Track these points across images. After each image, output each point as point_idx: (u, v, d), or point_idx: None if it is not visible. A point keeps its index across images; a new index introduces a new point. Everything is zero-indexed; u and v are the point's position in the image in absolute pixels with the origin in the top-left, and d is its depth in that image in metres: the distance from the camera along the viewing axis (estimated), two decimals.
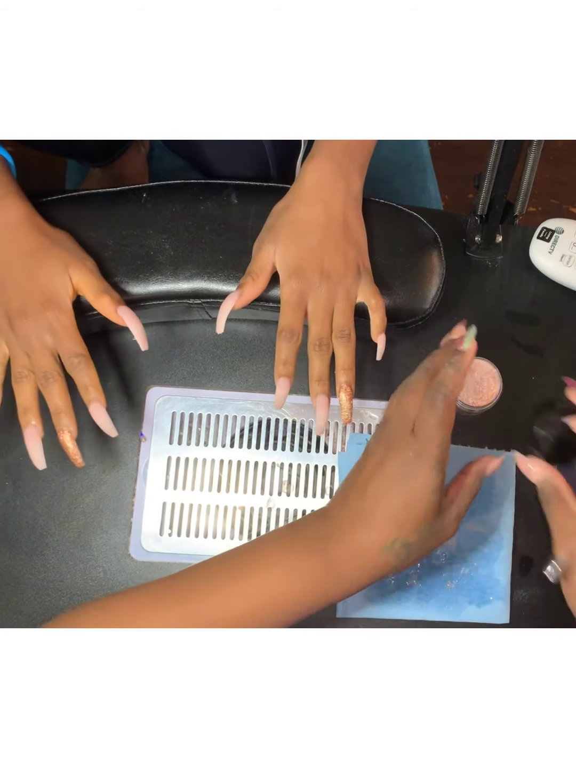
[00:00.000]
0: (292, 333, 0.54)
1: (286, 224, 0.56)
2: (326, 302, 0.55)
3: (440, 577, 0.60)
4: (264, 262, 0.56)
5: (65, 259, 0.55)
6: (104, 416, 0.53)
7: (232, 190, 0.60)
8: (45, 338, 0.53)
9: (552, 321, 0.65)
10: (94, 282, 0.55)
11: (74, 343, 0.54)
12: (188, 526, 0.61)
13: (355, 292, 0.56)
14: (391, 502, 0.43)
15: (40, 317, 0.53)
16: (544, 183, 1.38)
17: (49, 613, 0.59)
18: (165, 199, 0.59)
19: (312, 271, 0.54)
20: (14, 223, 0.55)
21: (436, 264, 0.60)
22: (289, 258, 0.55)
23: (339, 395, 0.55)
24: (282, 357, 0.54)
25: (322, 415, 0.54)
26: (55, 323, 0.53)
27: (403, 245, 0.59)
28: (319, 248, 0.55)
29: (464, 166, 1.29)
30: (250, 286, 0.55)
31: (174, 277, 0.58)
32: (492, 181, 0.58)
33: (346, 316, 0.55)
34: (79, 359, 0.53)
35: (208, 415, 0.63)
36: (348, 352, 0.55)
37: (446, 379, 0.45)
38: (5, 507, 0.60)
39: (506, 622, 0.60)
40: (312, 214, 0.56)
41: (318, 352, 0.54)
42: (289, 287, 0.54)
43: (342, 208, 0.56)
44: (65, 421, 0.52)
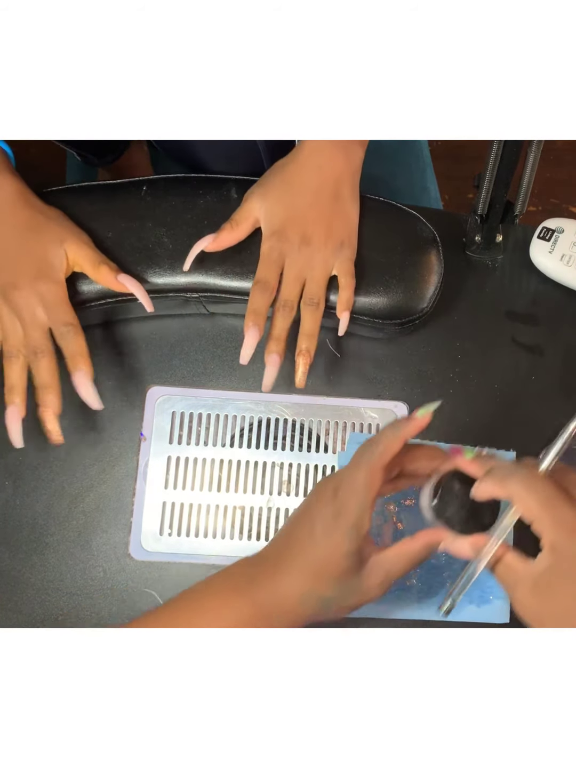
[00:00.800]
0: (266, 285, 0.54)
1: (278, 183, 0.56)
2: (301, 267, 0.55)
3: (440, 577, 0.60)
4: (248, 213, 0.56)
5: (60, 233, 0.55)
6: (88, 387, 0.53)
7: (232, 185, 0.60)
8: (37, 312, 0.53)
9: (552, 321, 0.65)
10: (90, 254, 0.55)
11: (65, 313, 0.54)
12: (188, 525, 0.61)
13: (332, 263, 0.56)
14: (308, 555, 0.42)
15: (32, 290, 0.53)
16: (544, 182, 1.38)
17: (49, 613, 0.59)
18: (165, 193, 0.59)
19: (294, 234, 0.55)
20: (7, 199, 0.54)
21: (435, 263, 0.60)
22: (274, 216, 0.55)
23: (297, 359, 0.55)
24: (254, 306, 0.54)
25: (271, 374, 0.54)
26: (48, 295, 0.53)
27: (401, 244, 0.59)
28: (305, 213, 0.55)
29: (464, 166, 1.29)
30: (227, 233, 0.56)
31: (172, 270, 0.58)
32: (492, 181, 0.58)
33: (318, 285, 0.55)
34: (68, 328, 0.53)
35: (208, 415, 0.63)
36: (314, 320, 0.55)
37: (380, 440, 0.42)
38: (5, 507, 0.60)
39: (506, 622, 0.60)
40: (305, 178, 0.56)
41: (281, 312, 0.55)
42: (270, 244, 0.55)
43: (336, 177, 0.56)
44: (49, 397, 0.53)
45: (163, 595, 0.59)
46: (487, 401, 0.63)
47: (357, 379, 0.63)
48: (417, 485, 0.47)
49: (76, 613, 0.59)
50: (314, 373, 0.63)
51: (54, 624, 0.59)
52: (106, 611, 0.59)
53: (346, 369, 0.64)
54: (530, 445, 0.63)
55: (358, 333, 0.63)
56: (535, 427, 0.63)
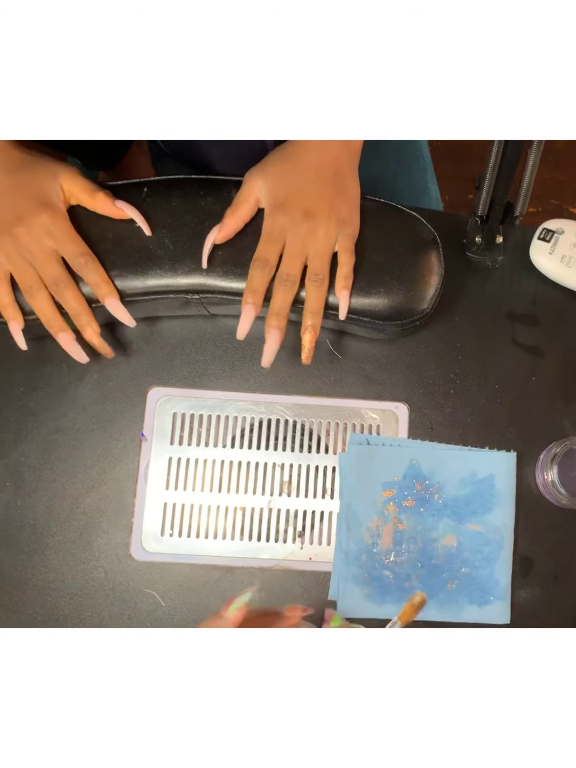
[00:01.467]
0: (265, 262, 0.54)
1: (278, 162, 0.56)
2: (303, 241, 0.55)
3: (441, 577, 0.60)
4: (248, 193, 0.56)
5: (52, 167, 0.55)
6: (121, 308, 0.55)
7: (233, 186, 0.60)
8: (46, 243, 0.53)
9: (552, 322, 0.66)
10: (85, 183, 0.55)
11: (76, 244, 0.54)
12: (189, 526, 0.61)
13: (333, 239, 0.55)
14: None
15: (36, 222, 0.53)
16: (545, 183, 1.38)
17: (49, 613, 0.59)
18: (165, 194, 0.59)
19: (296, 209, 0.55)
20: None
21: (435, 264, 0.60)
22: (276, 193, 0.55)
23: (302, 336, 0.55)
24: (253, 285, 0.54)
25: (271, 348, 0.54)
26: (53, 226, 0.53)
27: (402, 245, 0.59)
28: (307, 189, 0.55)
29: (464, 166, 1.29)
30: (230, 218, 0.56)
31: (173, 271, 0.58)
32: (492, 182, 0.58)
33: (323, 260, 0.55)
34: (86, 258, 0.54)
35: (209, 416, 0.63)
36: (319, 296, 0.55)
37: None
38: (6, 507, 0.60)
39: (507, 623, 0.60)
40: (306, 156, 0.56)
41: (283, 286, 0.54)
42: (271, 220, 0.55)
43: (336, 155, 0.56)
44: (86, 319, 0.55)
45: (164, 595, 0.59)
46: (487, 401, 0.63)
47: (358, 379, 0.63)
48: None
49: (77, 613, 0.59)
50: (315, 374, 0.63)
51: (55, 624, 0.59)
52: (107, 612, 0.59)
53: (347, 370, 0.64)
54: (530, 445, 0.63)
55: (359, 334, 0.63)
56: (535, 427, 0.63)
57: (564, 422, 0.63)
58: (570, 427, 0.63)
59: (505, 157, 0.55)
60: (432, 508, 0.61)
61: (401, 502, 0.61)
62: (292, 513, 0.61)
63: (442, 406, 0.63)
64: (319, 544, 0.61)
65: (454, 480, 0.61)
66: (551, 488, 0.59)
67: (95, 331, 0.55)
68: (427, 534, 0.60)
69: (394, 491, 0.61)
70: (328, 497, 0.62)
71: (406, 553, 0.60)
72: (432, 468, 0.61)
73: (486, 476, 0.61)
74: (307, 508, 0.61)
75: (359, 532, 0.60)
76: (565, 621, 0.61)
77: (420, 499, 0.61)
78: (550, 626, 0.60)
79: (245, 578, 0.60)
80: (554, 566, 0.61)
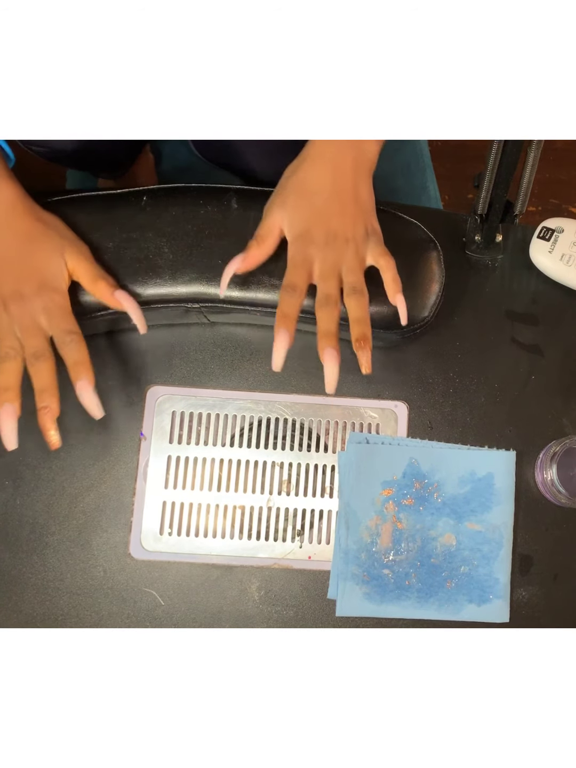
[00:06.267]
0: (294, 287, 0.53)
1: (294, 187, 0.56)
2: (333, 262, 0.54)
3: (440, 576, 0.60)
4: (271, 225, 0.55)
5: (60, 244, 0.55)
6: (90, 395, 0.52)
7: (233, 195, 0.60)
8: (39, 320, 0.53)
9: (552, 320, 0.66)
10: (89, 268, 0.55)
11: (68, 322, 0.53)
12: (188, 525, 0.61)
13: (363, 251, 0.55)
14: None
15: (35, 299, 0.53)
16: (544, 182, 1.38)
17: (49, 613, 0.59)
18: (165, 203, 0.59)
19: (319, 233, 0.54)
20: (7, 205, 0.54)
21: (436, 272, 0.60)
22: (297, 221, 0.55)
23: (355, 347, 0.53)
24: (283, 310, 0.53)
25: (332, 372, 0.52)
26: (50, 304, 0.53)
27: (402, 253, 0.59)
28: (326, 209, 0.55)
29: (464, 166, 1.29)
30: (255, 249, 0.55)
31: (173, 281, 0.58)
32: (492, 181, 0.58)
33: (356, 273, 0.54)
34: (72, 337, 0.53)
35: (208, 415, 0.63)
36: (361, 306, 0.53)
37: None
38: (5, 506, 0.60)
39: (506, 621, 0.60)
40: (319, 175, 0.55)
41: (325, 308, 0.53)
42: (296, 248, 0.54)
43: (350, 171, 0.56)
44: (48, 400, 0.51)
45: (163, 594, 0.59)
46: (487, 400, 0.63)
47: (357, 378, 0.63)
48: None
49: (76, 612, 0.59)
50: (314, 373, 0.63)
51: (54, 623, 0.59)
52: (106, 610, 0.59)
53: (346, 368, 0.63)
54: (529, 443, 0.63)
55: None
56: (534, 426, 0.63)
57: (563, 421, 0.63)
58: (569, 426, 0.63)
59: (504, 157, 0.55)
60: (431, 506, 0.61)
61: (400, 501, 0.61)
62: (292, 512, 0.61)
63: (441, 405, 0.63)
64: (319, 543, 0.61)
65: (454, 479, 0.61)
66: (550, 487, 0.59)
67: (53, 416, 0.51)
68: (427, 533, 0.60)
69: (393, 490, 0.61)
70: (327, 496, 0.62)
71: (405, 551, 0.60)
72: (431, 467, 0.61)
73: (485, 475, 0.61)
74: (306, 507, 0.61)
75: (358, 530, 0.60)
76: (565, 619, 0.61)
77: (419, 497, 0.61)
78: (550, 625, 0.60)
79: (244, 577, 0.60)
80: (553, 565, 0.61)
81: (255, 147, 0.68)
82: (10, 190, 0.55)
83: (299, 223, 0.55)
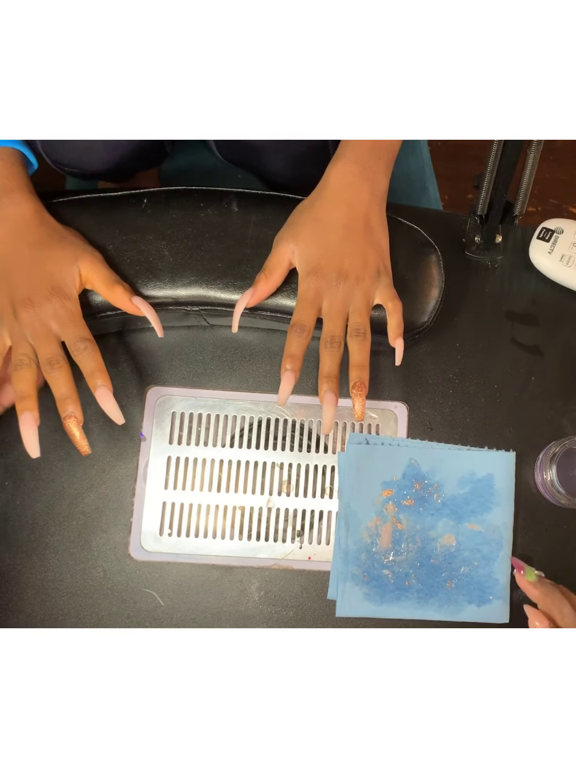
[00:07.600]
0: (302, 328, 0.53)
1: (308, 222, 0.56)
2: (342, 301, 0.54)
3: (440, 577, 0.60)
4: (280, 258, 0.55)
5: (74, 251, 0.55)
6: (111, 402, 0.53)
7: (233, 198, 0.60)
8: (50, 325, 0.53)
9: (552, 321, 0.66)
10: (105, 273, 0.55)
11: (80, 329, 0.53)
12: (188, 525, 0.61)
13: (372, 293, 0.55)
14: None
15: (45, 305, 0.52)
16: (544, 183, 1.38)
17: (49, 613, 0.59)
18: (165, 205, 0.59)
19: (330, 270, 0.54)
20: (23, 216, 0.54)
21: (436, 277, 0.60)
22: (309, 256, 0.55)
23: (351, 392, 0.54)
24: (291, 350, 0.53)
25: (329, 414, 0.53)
26: (61, 310, 0.53)
27: (401, 259, 0.59)
28: (340, 248, 0.55)
29: (464, 166, 1.29)
30: (263, 284, 0.55)
31: (172, 283, 0.58)
32: (492, 182, 0.58)
33: (362, 315, 0.55)
34: (85, 344, 0.53)
35: (208, 415, 0.63)
36: (362, 350, 0.54)
37: None
38: (5, 507, 0.60)
39: (506, 622, 0.60)
40: (334, 214, 0.55)
41: (329, 349, 0.54)
42: (306, 284, 0.54)
43: (365, 210, 0.56)
44: (71, 408, 0.51)
45: (162, 595, 0.59)
46: (487, 401, 0.63)
47: None
48: None
49: (76, 613, 0.59)
50: (314, 374, 0.63)
51: (54, 624, 0.59)
52: (106, 611, 0.59)
53: (346, 369, 0.64)
54: (530, 445, 0.63)
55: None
56: (534, 427, 0.63)
57: (563, 422, 0.64)
58: (569, 427, 0.63)
59: (504, 157, 0.55)
60: (431, 507, 0.61)
61: (400, 502, 0.61)
62: (291, 512, 0.61)
63: (441, 406, 0.63)
64: (318, 543, 0.61)
65: (453, 479, 0.61)
66: (550, 488, 0.59)
67: (78, 421, 0.51)
68: (426, 533, 0.60)
69: (393, 491, 0.61)
70: (327, 497, 0.62)
71: (405, 552, 0.60)
72: (431, 467, 0.61)
73: (485, 476, 0.61)
74: (306, 508, 0.61)
75: (358, 531, 0.60)
76: None
77: (419, 498, 0.61)
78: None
79: (244, 578, 0.60)
80: (553, 565, 0.61)
81: (275, 148, 0.67)
82: (29, 203, 0.55)
83: (311, 258, 0.55)
